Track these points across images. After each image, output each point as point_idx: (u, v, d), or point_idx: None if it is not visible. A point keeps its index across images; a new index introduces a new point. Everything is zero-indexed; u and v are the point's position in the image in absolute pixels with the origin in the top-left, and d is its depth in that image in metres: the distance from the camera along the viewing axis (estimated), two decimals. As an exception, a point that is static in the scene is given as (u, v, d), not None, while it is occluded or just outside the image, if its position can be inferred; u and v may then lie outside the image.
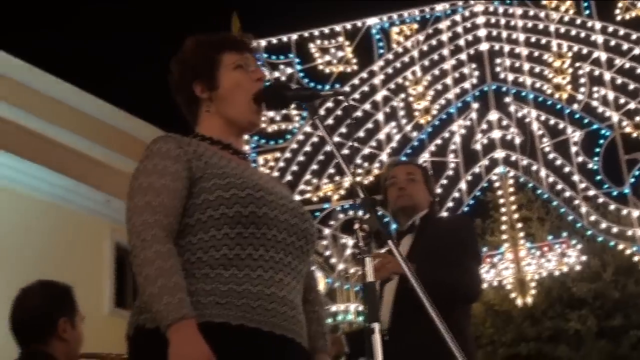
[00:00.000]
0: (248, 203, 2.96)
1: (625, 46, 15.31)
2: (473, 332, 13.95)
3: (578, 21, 16.00)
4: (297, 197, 16.12)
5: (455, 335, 4.70)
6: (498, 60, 16.26)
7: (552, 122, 15.47)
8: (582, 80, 15.56)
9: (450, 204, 15.43)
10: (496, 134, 15.69)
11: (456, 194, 15.50)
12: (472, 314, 14.33)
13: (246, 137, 15.42)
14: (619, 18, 15.70)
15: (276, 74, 17.02)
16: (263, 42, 17.38)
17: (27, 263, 14.28)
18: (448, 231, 5.44)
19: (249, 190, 2.99)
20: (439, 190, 15.32)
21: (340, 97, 16.36)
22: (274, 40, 17.36)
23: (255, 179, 3.10)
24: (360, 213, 3.09)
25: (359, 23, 17.24)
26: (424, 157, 15.93)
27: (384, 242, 3.11)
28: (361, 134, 16.39)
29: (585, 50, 15.69)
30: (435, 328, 4.34)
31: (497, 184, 15.57)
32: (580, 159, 15.02)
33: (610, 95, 15.07)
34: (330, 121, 16.52)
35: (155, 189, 2.97)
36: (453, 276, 5.03)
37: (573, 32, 15.99)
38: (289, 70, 17.13)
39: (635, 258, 14.01)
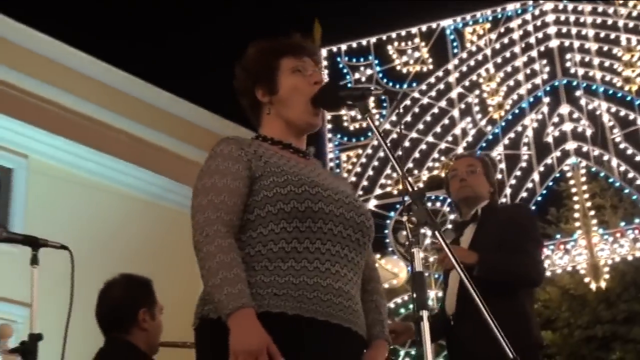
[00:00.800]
0: (304, 199, 3.01)
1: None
2: (536, 312, 14.05)
3: None
4: (378, 191, 16.59)
5: (519, 316, 5.11)
6: (568, 56, 16.26)
7: (622, 113, 15.50)
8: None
9: (523, 194, 15.60)
10: (567, 127, 15.74)
11: (529, 185, 15.65)
12: (547, 298, 14.47)
13: (329, 135, 15.91)
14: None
15: (357, 76, 17.33)
16: (344, 46, 17.64)
17: (128, 257, 14.59)
18: (509, 219, 5.53)
19: (305, 186, 3.03)
20: (512, 182, 15.51)
21: (417, 95, 16.72)
22: (354, 44, 17.60)
23: (313, 176, 3.14)
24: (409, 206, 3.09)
25: (433, 25, 17.38)
26: (498, 150, 16.09)
27: (432, 233, 3.07)
28: (438, 129, 16.69)
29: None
30: (499, 311, 4.79)
31: (569, 174, 15.58)
32: (651, 148, 15.08)
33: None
34: (408, 118, 16.89)
35: (217, 188, 3.04)
36: (517, 263, 5.22)
37: None
38: (369, 72, 17.33)
39: None
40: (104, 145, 18.64)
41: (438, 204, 14.90)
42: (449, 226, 13.82)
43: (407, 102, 16.93)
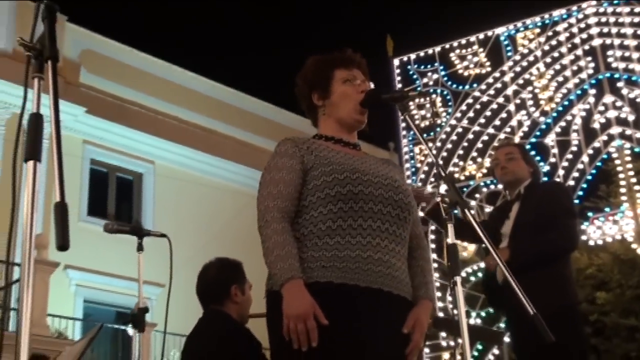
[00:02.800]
0: (346, 183, 3.01)
1: None
2: (590, 276, 13.94)
3: None
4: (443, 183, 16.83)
5: (559, 278, 5.29)
6: (609, 52, 16.30)
7: (660, 99, 15.58)
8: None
9: (575, 174, 15.81)
10: (611, 114, 15.80)
11: (580, 166, 15.83)
12: (600, 263, 14.42)
13: (404, 132, 16.34)
14: None
15: (425, 80, 17.61)
16: (413, 56, 17.95)
17: (238, 243, 14.48)
18: (545, 195, 5.48)
19: (347, 173, 3.03)
20: (565, 164, 15.68)
21: (477, 93, 17.04)
22: (422, 53, 17.92)
23: (357, 164, 3.12)
24: (442, 189, 3.34)
25: (489, 32, 17.61)
26: (551, 138, 16.26)
27: (461, 211, 3.13)
28: (497, 122, 16.95)
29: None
30: (540, 277, 4.93)
31: (615, 155, 15.58)
32: (689, 129, 15.11)
33: None
34: (471, 114, 17.24)
35: (275, 180, 3.06)
36: (549, 241, 5.21)
37: None
38: (435, 76, 17.61)
39: None
40: (215, 149, 19.48)
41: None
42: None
43: (470, 100, 17.17)
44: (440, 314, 14.59)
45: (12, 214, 2.01)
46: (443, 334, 15.09)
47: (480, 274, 15.14)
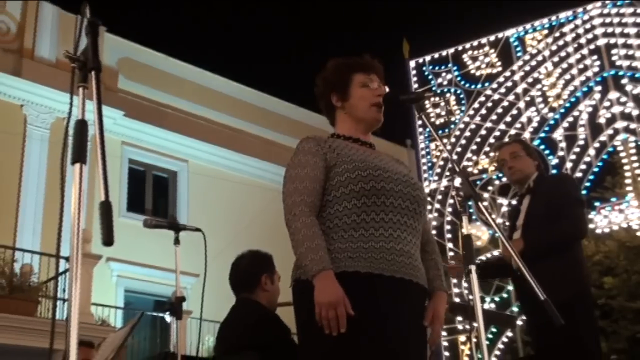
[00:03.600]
0: (369, 180, 3.00)
1: None
2: (598, 262, 13.81)
3: None
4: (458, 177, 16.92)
5: (571, 261, 5.19)
6: (614, 51, 16.20)
7: (663, 94, 15.52)
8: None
9: (582, 167, 15.74)
10: (616, 109, 15.69)
11: (587, 159, 15.75)
12: (607, 250, 14.27)
13: (420, 129, 16.33)
14: None
15: (439, 80, 17.60)
16: (428, 57, 17.98)
17: (265, 235, 14.05)
18: (553, 187, 5.40)
19: (370, 170, 3.02)
20: (572, 157, 15.63)
21: (489, 92, 16.98)
22: (436, 55, 17.89)
23: (376, 161, 3.11)
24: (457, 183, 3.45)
25: (499, 34, 17.54)
26: (559, 132, 16.24)
27: (474, 203, 3.14)
28: (507, 118, 16.91)
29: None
30: (555, 264, 4.89)
31: (620, 148, 15.52)
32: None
33: None
34: (483, 111, 17.20)
35: (300, 177, 3.04)
36: (559, 231, 5.10)
37: None
38: (449, 76, 17.58)
39: None
40: (243, 147, 19.56)
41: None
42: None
43: (482, 98, 17.13)
44: (457, 300, 14.60)
45: (60, 211, 2.05)
46: (459, 318, 15.10)
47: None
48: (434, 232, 10.75)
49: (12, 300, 11.54)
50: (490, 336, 14.25)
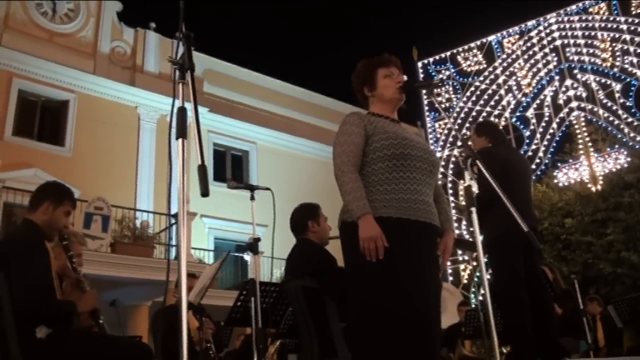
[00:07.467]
0: (398, 146, 2.95)
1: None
2: (558, 208, 13.44)
3: (611, 18, 15.88)
4: (459, 143, 16.92)
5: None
6: (567, 49, 16.11)
7: (603, 81, 15.41)
8: (618, 54, 15.44)
9: (548, 137, 15.66)
10: (571, 92, 15.66)
11: (551, 131, 15.67)
12: (567, 199, 13.96)
13: (427, 112, 16.15)
14: (640, 12, 15.41)
15: (440, 75, 17.57)
16: (431, 59, 17.98)
17: (315, 194, 15.04)
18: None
19: (399, 139, 2.97)
20: (540, 130, 15.51)
21: (477, 83, 16.79)
22: (437, 57, 17.81)
23: (403, 133, 3.04)
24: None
25: (484, 39, 17.41)
26: (530, 112, 16.12)
27: (473, 161, 3.05)
28: (492, 102, 16.81)
29: (617, 35, 15.60)
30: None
31: (574, 122, 15.51)
32: (621, 100, 14.99)
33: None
34: (474, 98, 17.07)
35: (347, 142, 2.96)
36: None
37: (610, 26, 15.85)
38: (447, 73, 17.50)
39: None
40: (296, 131, 19.49)
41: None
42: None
43: (472, 88, 17.10)
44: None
45: (169, 178, 2.06)
46: (459, 252, 15.07)
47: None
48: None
49: (135, 246, 11.71)
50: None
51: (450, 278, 15.75)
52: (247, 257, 16.16)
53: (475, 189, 3.12)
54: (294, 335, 5.16)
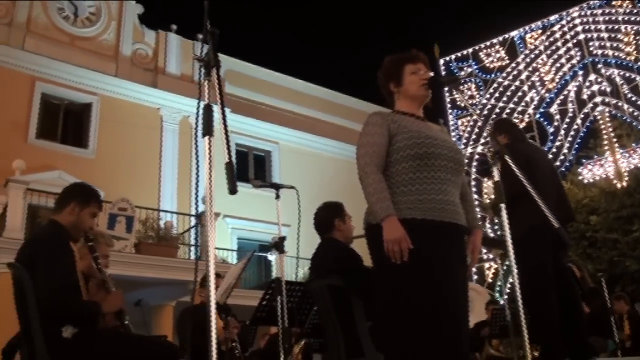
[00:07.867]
0: (422, 145, 2.90)
1: None
2: (583, 204, 13.41)
3: (634, 11, 15.70)
4: (482, 140, 16.85)
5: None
6: (591, 43, 15.98)
7: (627, 75, 15.22)
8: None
9: (572, 133, 15.56)
10: (595, 87, 15.56)
11: (575, 126, 15.58)
12: (591, 195, 13.84)
13: (450, 110, 16.10)
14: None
15: (462, 73, 17.49)
16: (453, 56, 17.92)
17: (338, 192, 15.05)
18: None
19: (422, 138, 2.92)
20: (564, 126, 15.46)
21: (500, 80, 16.70)
22: (459, 54, 17.81)
23: (427, 131, 3.00)
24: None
25: (506, 35, 17.35)
26: (554, 108, 16.05)
27: (501, 156, 3.04)
28: (515, 99, 16.71)
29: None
30: None
31: (599, 117, 15.34)
32: (645, 97, 14.80)
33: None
34: (496, 94, 16.96)
35: (370, 143, 2.93)
36: None
37: (633, 19, 15.66)
38: (469, 70, 17.45)
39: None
40: (318, 131, 19.43)
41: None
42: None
43: (495, 85, 17.02)
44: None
45: (196, 177, 2.04)
46: (484, 250, 14.99)
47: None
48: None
49: (159, 246, 11.77)
50: (507, 263, 14.15)
51: (475, 277, 15.66)
52: (271, 256, 16.19)
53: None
54: (319, 335, 5.14)
